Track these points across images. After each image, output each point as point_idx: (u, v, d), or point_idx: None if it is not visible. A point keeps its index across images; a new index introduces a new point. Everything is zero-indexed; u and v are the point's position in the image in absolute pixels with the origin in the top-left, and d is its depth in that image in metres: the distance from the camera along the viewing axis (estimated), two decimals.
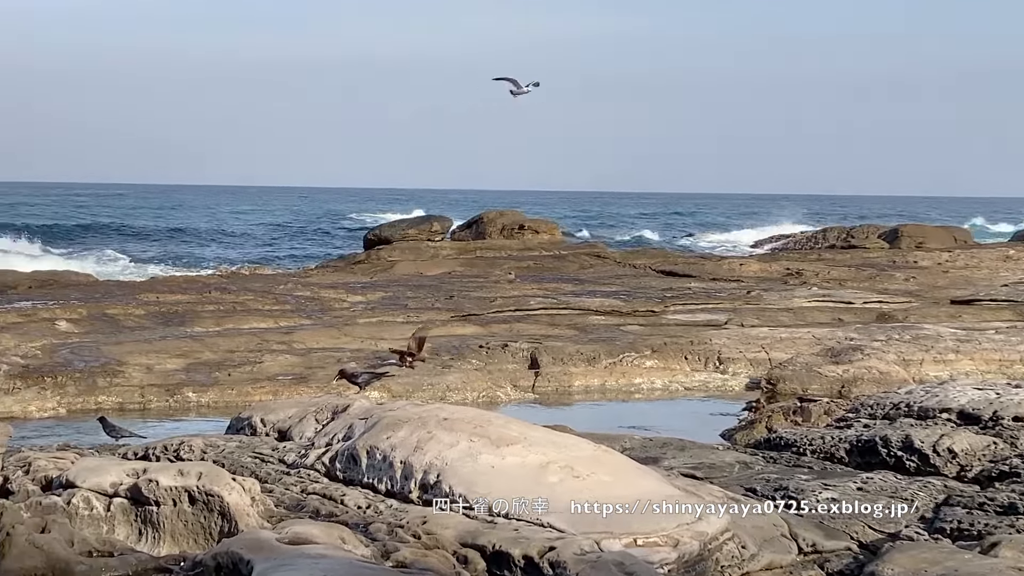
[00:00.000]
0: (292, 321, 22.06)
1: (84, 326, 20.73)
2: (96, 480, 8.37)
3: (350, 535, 7.48)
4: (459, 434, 8.82)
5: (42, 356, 18.03)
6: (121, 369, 17.49)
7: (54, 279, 28.82)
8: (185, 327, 21.12)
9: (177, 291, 25.40)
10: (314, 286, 27.29)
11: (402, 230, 37.11)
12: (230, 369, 17.83)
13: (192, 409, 16.61)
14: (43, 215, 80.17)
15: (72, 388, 16.72)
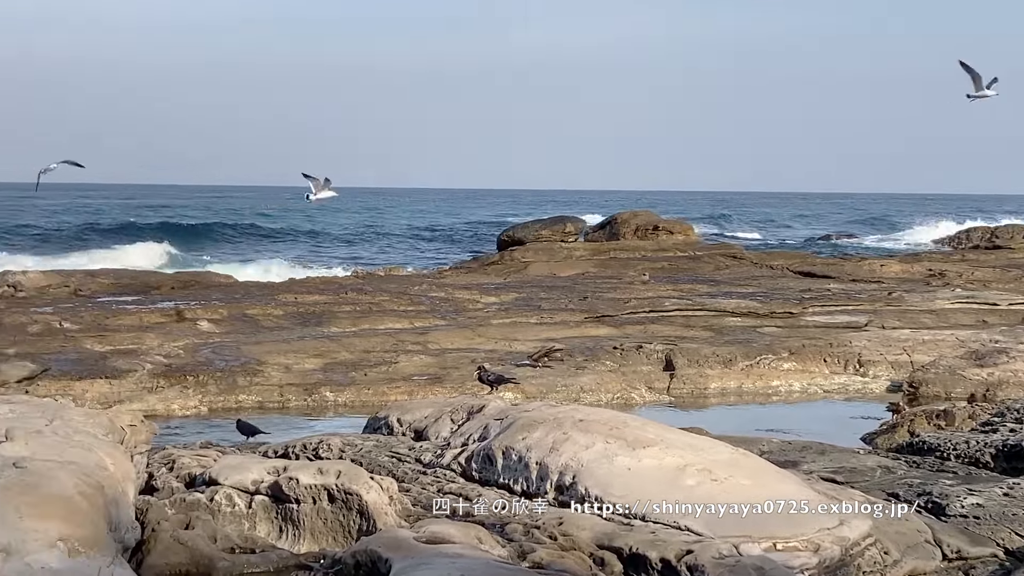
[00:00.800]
0: (427, 322, 22.24)
1: (225, 326, 21.15)
2: (238, 477, 8.55)
3: (487, 535, 7.52)
4: (595, 436, 8.82)
5: (184, 355, 18.43)
6: (260, 368, 17.80)
7: (196, 280, 29.47)
8: (322, 327, 21.42)
9: (314, 292, 25.77)
10: (448, 287, 27.48)
11: (535, 231, 37.14)
12: (366, 369, 18.04)
13: (329, 408, 16.83)
14: (195, 215, 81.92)
15: (213, 387, 17.07)
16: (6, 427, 7.49)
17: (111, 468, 7.37)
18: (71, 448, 7.36)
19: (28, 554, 6.05)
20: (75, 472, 6.87)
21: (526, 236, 36.73)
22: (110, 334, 19.86)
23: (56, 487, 6.57)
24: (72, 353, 18.43)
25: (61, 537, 6.19)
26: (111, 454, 7.63)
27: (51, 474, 6.70)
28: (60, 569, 6.02)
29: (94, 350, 18.72)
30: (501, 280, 30.09)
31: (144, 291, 26.94)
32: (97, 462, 7.28)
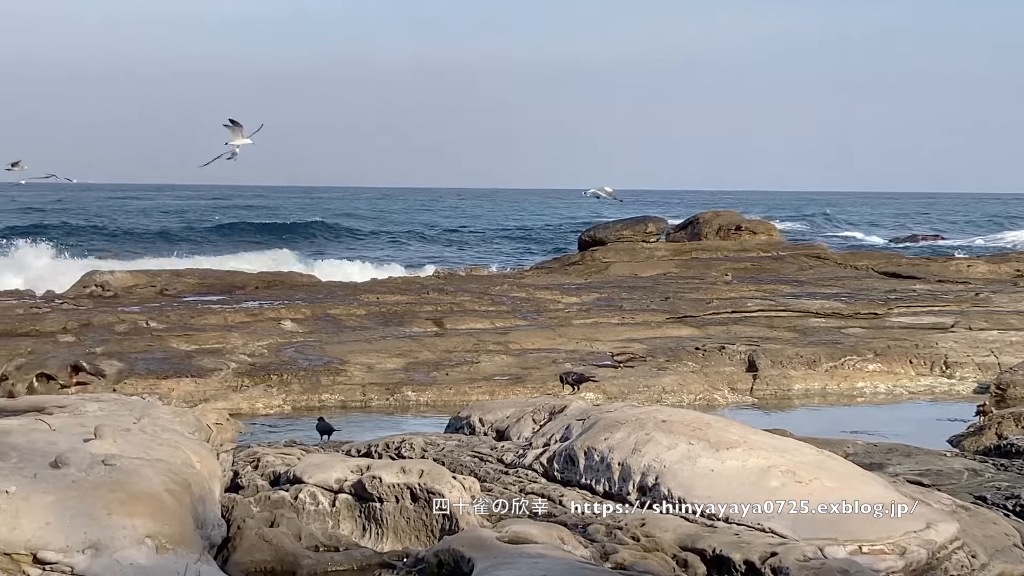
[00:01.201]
0: (508, 322, 22.28)
1: (308, 326, 21.34)
2: (322, 476, 8.62)
3: (569, 536, 7.52)
4: (678, 436, 8.78)
5: (268, 355, 18.63)
6: (343, 368, 17.94)
7: (279, 280, 29.73)
8: (404, 327, 21.54)
9: (396, 292, 25.92)
10: (529, 287, 27.50)
11: (617, 231, 37.01)
12: (448, 369, 18.11)
13: (411, 408, 16.92)
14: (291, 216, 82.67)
15: (297, 386, 17.23)
16: (95, 425, 7.60)
17: (198, 466, 7.47)
18: (159, 446, 7.47)
19: (117, 550, 6.14)
20: (163, 470, 6.96)
21: (607, 236, 36.62)
22: (195, 333, 20.11)
23: (144, 484, 6.67)
24: (158, 352, 18.69)
25: (149, 534, 6.28)
26: (198, 452, 7.73)
27: (139, 471, 6.79)
28: (148, 566, 6.11)
29: (180, 349, 18.97)
30: (582, 280, 30.04)
31: (228, 291, 27.25)
32: (184, 460, 7.38)
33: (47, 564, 6.04)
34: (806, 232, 68.68)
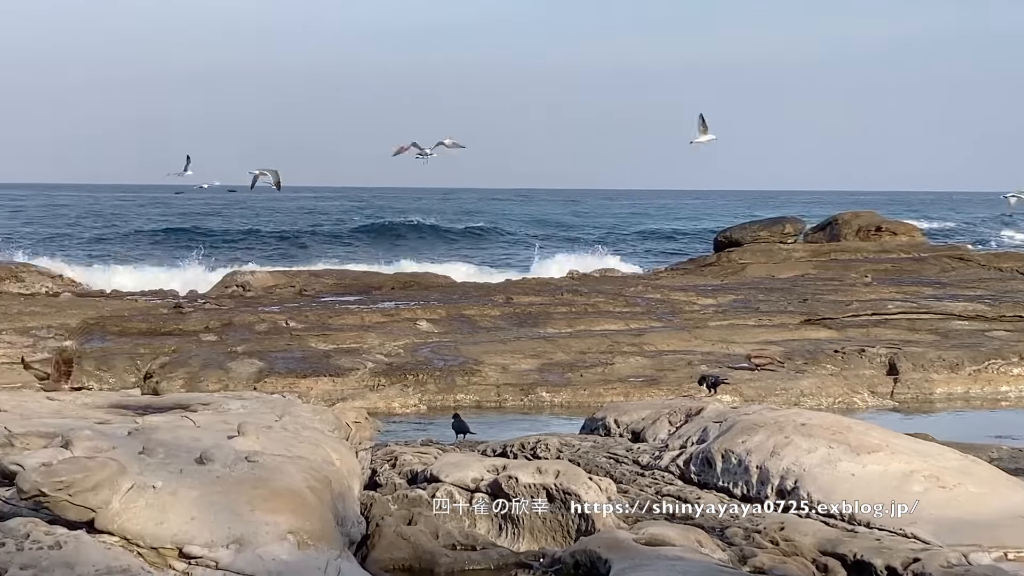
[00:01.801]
0: (642, 323, 22.20)
1: (443, 326, 21.50)
2: (459, 475, 8.68)
3: (706, 538, 7.47)
4: (817, 440, 8.68)
5: (404, 355, 18.82)
6: (478, 368, 18.05)
7: (415, 281, 30.02)
8: (538, 328, 21.58)
9: (530, 293, 25.99)
10: (664, 288, 27.37)
11: (753, 232, 36.64)
12: (582, 370, 18.11)
13: (546, 408, 16.96)
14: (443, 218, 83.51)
15: (432, 386, 17.38)
16: (238, 422, 7.76)
17: (337, 463, 7.58)
18: (300, 443, 7.59)
19: (259, 546, 6.26)
20: (304, 467, 7.08)
21: (743, 237, 36.27)
22: (333, 333, 20.40)
23: (286, 481, 6.79)
24: (297, 351, 18.99)
25: (291, 530, 6.39)
26: (337, 450, 7.84)
27: (281, 468, 6.92)
28: (290, 561, 6.21)
29: (318, 348, 19.26)
30: (718, 282, 29.81)
31: (365, 291, 27.59)
32: (324, 457, 7.49)
33: (192, 559, 6.18)
34: (955, 232, 67.13)
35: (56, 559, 5.98)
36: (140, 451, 6.94)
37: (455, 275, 33.57)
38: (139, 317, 21.92)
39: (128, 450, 6.92)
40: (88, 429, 7.34)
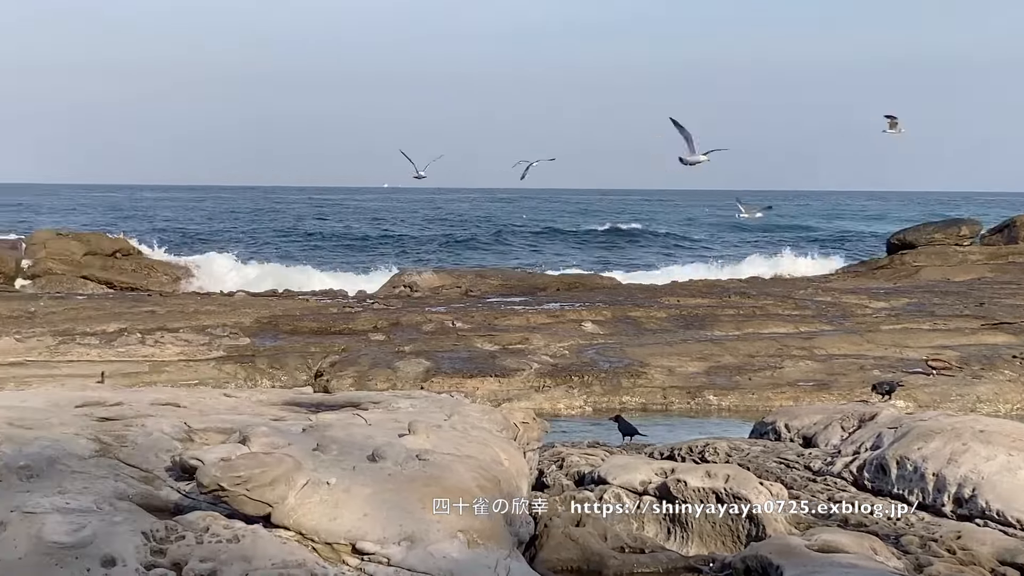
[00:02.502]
0: (813, 327, 21.87)
1: (608, 328, 21.49)
2: (627, 478, 8.67)
3: (881, 546, 7.34)
4: (996, 447, 8.46)
5: (570, 356, 18.86)
6: (644, 370, 18.00)
7: (580, 282, 30.08)
8: (705, 331, 21.43)
9: (697, 295, 25.81)
10: (835, 291, 26.92)
11: (928, 234, 35.84)
12: (750, 373, 17.94)
13: (712, 412, 16.83)
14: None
15: (598, 387, 17.39)
16: (409, 421, 7.86)
17: (506, 463, 7.63)
18: (469, 443, 7.66)
19: (430, 543, 6.34)
20: (473, 466, 7.15)
21: (917, 239, 35.50)
22: (499, 334, 20.54)
23: (456, 480, 6.86)
24: (463, 351, 19.18)
25: (461, 528, 6.45)
26: (506, 450, 7.90)
27: (451, 467, 6.99)
28: (460, 559, 6.28)
29: (484, 349, 19.42)
30: (891, 285, 29.22)
31: (531, 292, 27.74)
32: (493, 457, 7.55)
33: (365, 554, 6.28)
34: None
35: (234, 552, 6.14)
36: (314, 448, 7.08)
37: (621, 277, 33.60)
38: (310, 317, 22.38)
39: (303, 447, 7.07)
40: (264, 426, 7.51)
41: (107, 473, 6.98)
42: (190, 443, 7.62)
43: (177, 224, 74.92)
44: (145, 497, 6.80)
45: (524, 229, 68.86)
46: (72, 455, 7.12)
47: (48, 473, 6.86)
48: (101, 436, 7.61)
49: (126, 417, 8.21)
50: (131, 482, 6.96)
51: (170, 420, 8.07)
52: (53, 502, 6.46)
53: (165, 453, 7.34)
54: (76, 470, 6.94)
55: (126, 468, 7.14)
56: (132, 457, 7.29)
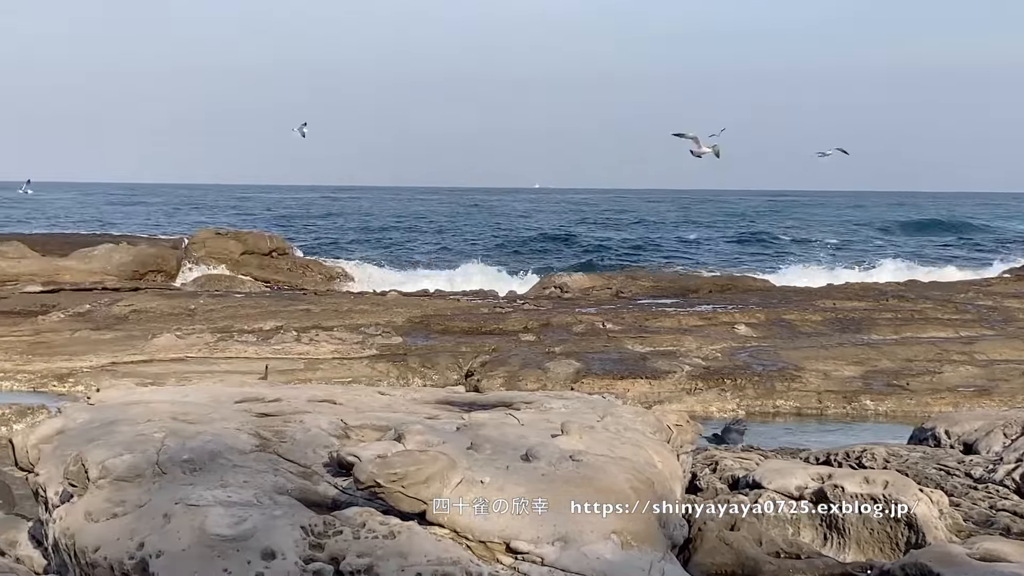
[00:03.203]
0: (973, 331, 21.38)
1: (762, 331, 21.28)
2: (782, 482, 8.58)
3: None
4: None
5: (722, 358, 18.73)
6: (798, 374, 17.79)
7: (733, 284, 29.83)
8: (861, 334, 21.09)
9: (854, 298, 25.40)
10: (997, 295, 26.25)
11: None
12: (908, 378, 17.60)
13: (869, 416, 16.57)
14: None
15: (751, 391, 17.24)
16: (561, 421, 7.88)
17: (659, 466, 7.60)
18: (622, 444, 7.65)
19: (584, 544, 6.35)
20: (626, 467, 7.13)
21: None
22: (650, 335, 20.49)
23: (609, 481, 6.86)
24: (614, 353, 19.18)
25: (615, 530, 6.45)
26: (659, 452, 7.86)
27: (605, 468, 6.99)
28: (614, 560, 6.27)
29: (635, 351, 19.39)
30: None
31: (682, 294, 27.61)
32: (647, 459, 7.53)
33: (519, 554, 6.32)
34: None
35: (390, 548, 6.23)
36: (468, 446, 7.15)
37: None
38: (461, 316, 22.59)
39: (457, 445, 7.14)
40: (419, 424, 7.60)
41: (267, 468, 7.14)
42: (347, 440, 7.75)
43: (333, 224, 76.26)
44: (303, 492, 6.94)
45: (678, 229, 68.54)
46: (233, 449, 7.30)
47: (210, 467, 7.04)
48: (261, 431, 7.79)
49: (284, 413, 8.39)
50: (290, 477, 7.11)
51: (327, 417, 8.22)
52: (215, 495, 6.64)
53: (323, 449, 7.47)
54: (237, 464, 7.11)
55: (285, 463, 7.29)
56: (291, 452, 7.44)
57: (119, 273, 33.50)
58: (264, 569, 6.08)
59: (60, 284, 29.79)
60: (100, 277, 32.45)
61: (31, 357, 19.99)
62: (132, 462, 7.01)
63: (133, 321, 23.35)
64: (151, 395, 9.18)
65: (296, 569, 6.11)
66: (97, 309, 24.65)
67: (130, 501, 6.73)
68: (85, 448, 7.24)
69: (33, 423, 10.04)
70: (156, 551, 6.25)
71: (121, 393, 9.27)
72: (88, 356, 19.92)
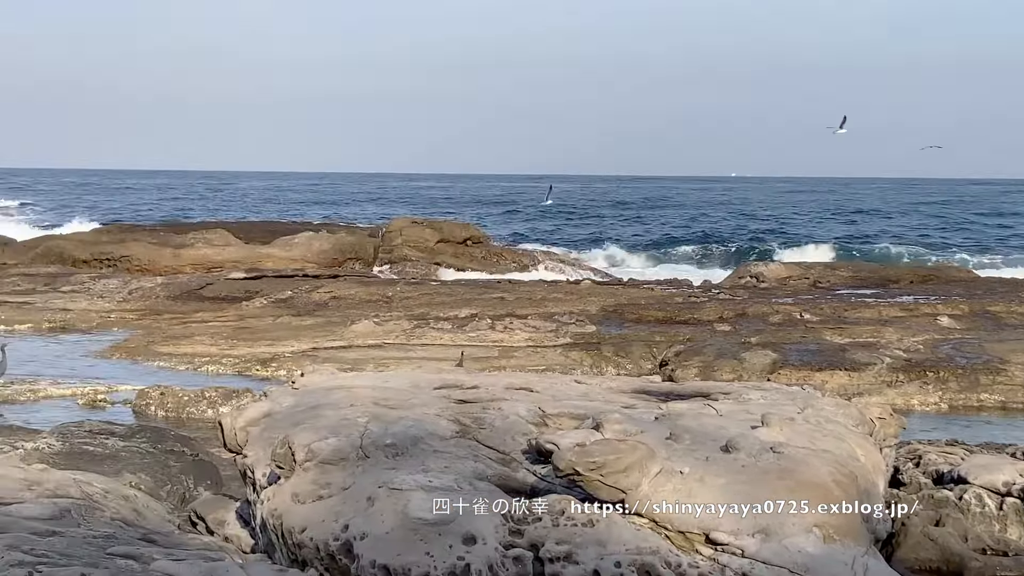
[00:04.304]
0: None
1: (965, 322, 20.70)
2: (989, 477, 8.36)
3: None
4: None
5: (924, 351, 18.28)
6: (1004, 367, 17.27)
7: (934, 274, 29.11)
8: None
9: None
10: None
11: None
12: None
13: None
14: None
15: (954, 384, 16.80)
16: (761, 412, 7.82)
17: (862, 459, 7.47)
18: (823, 437, 7.54)
19: (785, 537, 6.29)
20: (828, 460, 7.04)
21: None
22: (849, 327, 20.13)
23: (811, 474, 6.78)
24: (811, 344, 18.88)
25: (817, 523, 6.38)
26: (862, 445, 7.74)
27: (806, 461, 6.91)
28: (816, 554, 6.21)
29: (833, 342, 19.07)
30: None
31: (882, 284, 27.04)
32: (849, 452, 7.41)
33: (718, 545, 6.30)
34: None
35: (589, 536, 6.28)
36: (667, 436, 7.14)
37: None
38: (655, 305, 22.54)
39: (655, 435, 7.14)
40: (617, 412, 7.63)
41: (467, 454, 7.26)
42: (544, 427, 7.83)
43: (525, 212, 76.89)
44: (502, 478, 7.03)
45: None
46: (434, 435, 7.44)
47: (412, 452, 7.19)
48: (460, 418, 7.92)
49: (482, 400, 8.51)
50: (489, 463, 7.21)
51: (525, 404, 8.30)
52: (417, 480, 6.78)
53: (521, 436, 7.56)
54: (438, 449, 7.25)
55: (484, 449, 7.40)
56: (489, 439, 7.55)
57: (319, 260, 34.36)
58: (465, 553, 6.19)
59: (262, 271, 30.67)
60: (301, 264, 33.33)
61: (235, 342, 20.64)
62: (337, 446, 7.20)
63: (332, 307, 23.93)
64: (353, 380, 9.40)
65: (496, 555, 6.20)
66: (298, 295, 25.33)
67: (335, 484, 6.92)
68: (292, 431, 7.47)
69: (239, 406, 10.37)
70: (360, 533, 6.42)
71: (324, 378, 9.52)
72: (290, 341, 20.48)
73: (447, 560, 6.14)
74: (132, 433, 10.77)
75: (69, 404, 16.06)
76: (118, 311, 25.47)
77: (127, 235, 37.70)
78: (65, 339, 22.43)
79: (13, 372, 17.08)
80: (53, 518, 7.41)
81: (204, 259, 34.00)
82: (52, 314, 24.66)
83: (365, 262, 35.83)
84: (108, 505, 8.28)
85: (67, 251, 34.58)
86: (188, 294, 26.89)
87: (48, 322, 23.98)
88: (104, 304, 26.10)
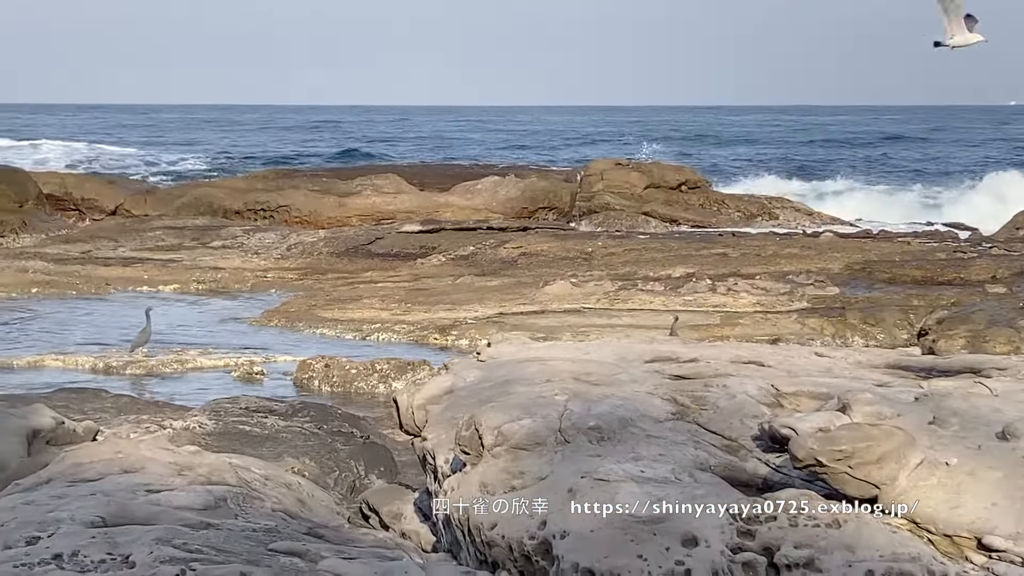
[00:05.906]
0: None
1: None
2: None
3: None
4: None
5: None
6: None
7: None
8: None
9: None
10: None
11: None
12: None
13: None
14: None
15: None
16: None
17: None
18: None
19: None
20: None
21: None
22: None
23: None
24: None
25: None
26: None
27: None
28: None
29: None
30: None
31: None
32: None
33: (993, 551, 6.16)
34: None
35: (835, 539, 6.20)
36: (930, 421, 7.00)
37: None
38: (913, 263, 22.15)
39: (915, 418, 7.01)
40: (868, 392, 7.51)
41: (686, 439, 7.23)
42: (779, 409, 7.75)
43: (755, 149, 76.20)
44: (728, 469, 6.99)
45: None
46: (646, 417, 7.43)
47: (620, 436, 7.20)
48: (677, 397, 7.89)
49: (704, 376, 8.46)
50: (712, 451, 7.18)
51: (755, 381, 8.23)
52: (626, 469, 6.78)
53: (751, 419, 7.50)
54: (651, 434, 7.24)
55: (706, 434, 7.37)
56: (713, 422, 7.51)
57: (505, 210, 34.59)
58: (685, 557, 6.17)
59: (440, 223, 30.97)
60: (484, 215, 33.60)
61: (410, 306, 20.95)
62: (532, 428, 7.24)
63: (522, 266, 24.12)
64: (548, 351, 9.45)
65: (722, 559, 6.17)
66: (481, 252, 25.59)
67: (530, 472, 6.96)
68: (478, 411, 7.53)
69: (416, 381, 10.53)
70: (560, 531, 6.45)
71: (514, 349, 9.59)
72: (472, 305, 20.70)
73: (663, 565, 6.14)
74: (294, 411, 10.99)
75: (221, 377, 16.54)
76: (276, 269, 26.10)
77: (284, 181, 38.44)
78: (216, 302, 23.06)
79: (159, 340, 17.62)
80: (207, 508, 7.61)
81: (373, 209, 34.57)
82: (201, 273, 25.40)
83: (560, 212, 35.95)
84: (268, 494, 8.47)
85: (217, 200, 35.52)
86: (355, 250, 27.40)
87: (197, 282, 24.70)
88: (260, 262, 26.78)
